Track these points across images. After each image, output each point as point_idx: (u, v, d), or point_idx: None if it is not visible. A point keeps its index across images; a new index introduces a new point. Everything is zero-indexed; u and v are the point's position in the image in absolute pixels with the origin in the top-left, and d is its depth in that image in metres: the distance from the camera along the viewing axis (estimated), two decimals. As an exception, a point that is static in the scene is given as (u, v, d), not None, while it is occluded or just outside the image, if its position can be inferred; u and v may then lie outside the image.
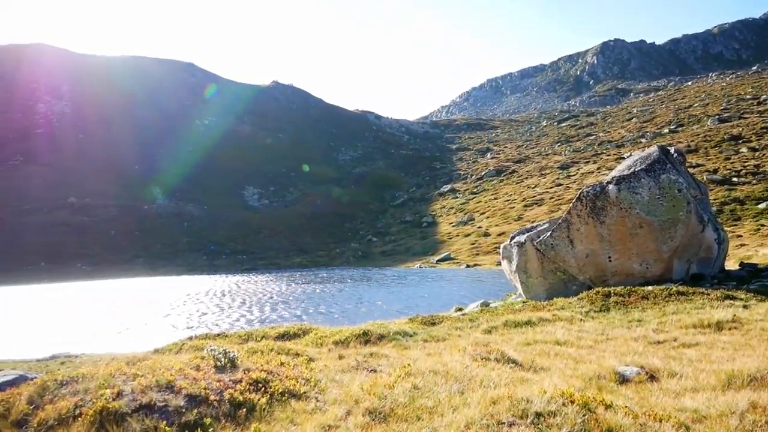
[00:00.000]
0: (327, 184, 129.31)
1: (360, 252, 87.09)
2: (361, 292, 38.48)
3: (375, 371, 7.60)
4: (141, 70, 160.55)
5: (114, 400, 5.10)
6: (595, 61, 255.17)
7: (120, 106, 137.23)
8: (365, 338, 11.80)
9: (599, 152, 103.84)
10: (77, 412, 5.02)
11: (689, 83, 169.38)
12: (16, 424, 5.12)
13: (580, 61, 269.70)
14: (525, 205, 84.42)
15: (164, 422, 4.78)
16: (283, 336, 14.17)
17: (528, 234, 20.35)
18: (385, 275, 55.05)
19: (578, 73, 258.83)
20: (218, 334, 15.71)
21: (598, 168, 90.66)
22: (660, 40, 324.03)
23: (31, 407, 5.31)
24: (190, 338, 15.65)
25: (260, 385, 5.73)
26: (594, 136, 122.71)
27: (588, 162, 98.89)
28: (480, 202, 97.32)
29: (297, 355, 9.37)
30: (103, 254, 78.78)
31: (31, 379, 10.61)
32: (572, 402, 4.70)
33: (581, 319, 12.81)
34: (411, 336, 12.16)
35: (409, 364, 7.16)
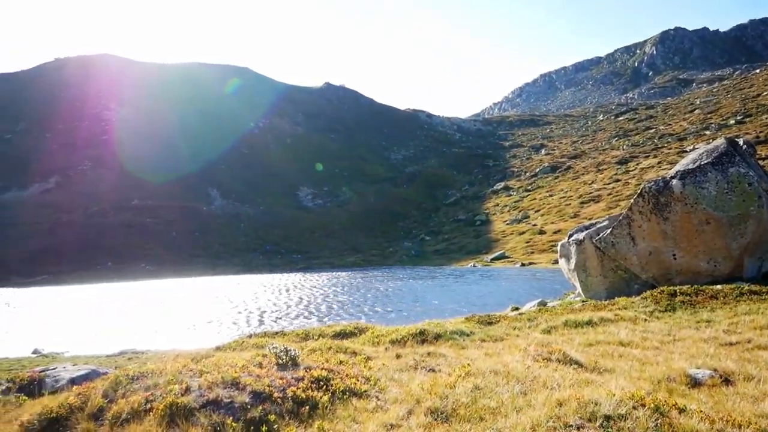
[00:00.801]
0: (379, 183, 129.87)
1: (413, 251, 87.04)
2: (415, 291, 38.45)
3: (433, 371, 7.56)
4: (198, 75, 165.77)
5: (182, 395, 5.27)
6: (654, 52, 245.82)
7: (179, 111, 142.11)
8: (422, 337, 11.75)
9: (660, 146, 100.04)
10: (148, 406, 5.21)
11: (757, 71, 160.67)
12: (93, 417, 5.37)
13: (638, 51, 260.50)
14: (581, 202, 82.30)
15: (230, 418, 4.90)
16: (340, 334, 14.29)
17: (587, 231, 19.81)
18: (438, 274, 54.82)
19: (636, 64, 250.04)
20: (277, 332, 15.99)
21: (659, 162, 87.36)
22: (724, 27, 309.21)
23: (106, 401, 5.55)
24: (250, 336, 16.00)
25: (322, 383, 5.80)
26: (654, 130, 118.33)
27: (648, 156, 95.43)
28: (534, 199, 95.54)
29: (354, 353, 9.44)
30: (165, 254, 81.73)
31: (103, 374, 11.11)
32: (643, 405, 4.53)
33: (645, 319, 12.36)
34: (468, 335, 12.04)
35: (468, 364, 7.09)
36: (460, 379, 6.17)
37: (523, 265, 61.02)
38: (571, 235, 20.86)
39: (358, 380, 6.10)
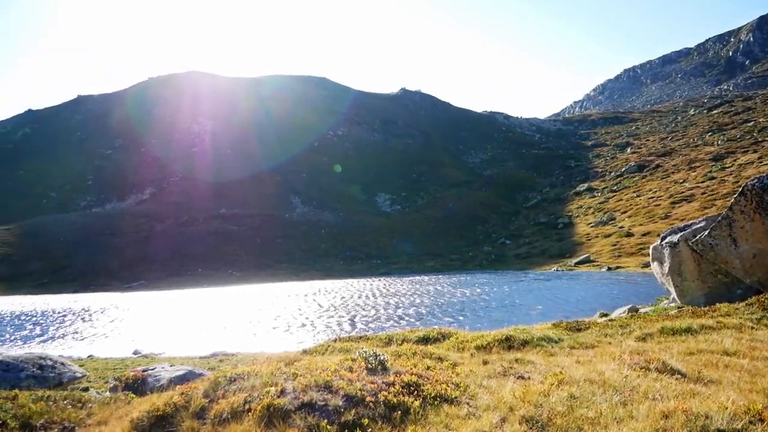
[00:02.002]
0: (457, 187, 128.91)
1: (493, 255, 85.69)
2: (497, 296, 37.80)
3: (523, 378, 7.38)
4: (279, 87, 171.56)
5: (278, 397, 5.43)
6: (751, 39, 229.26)
7: (262, 122, 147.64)
8: (508, 343, 11.51)
9: (760, 140, 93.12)
10: (247, 407, 5.42)
11: None
12: (196, 416, 5.65)
13: (732, 40, 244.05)
14: (672, 202, 77.98)
15: (325, 421, 4.99)
16: (423, 340, 14.24)
17: (682, 233, 18.72)
18: (521, 279, 53.64)
19: (730, 53, 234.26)
20: (360, 336, 16.18)
21: (760, 158, 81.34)
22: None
23: (207, 400, 5.82)
24: (335, 340, 16.26)
25: (412, 388, 5.80)
26: (753, 123, 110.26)
27: (747, 151, 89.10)
28: (621, 200, 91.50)
29: (440, 359, 9.38)
30: (251, 260, 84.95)
31: (199, 375, 11.67)
32: (761, 420, 4.20)
33: (752, 327, 11.51)
34: (556, 342, 11.68)
35: (560, 372, 6.87)
36: (553, 387, 5.99)
37: (609, 269, 58.58)
38: (664, 237, 19.79)
39: (448, 386, 6.05)
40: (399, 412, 5.26)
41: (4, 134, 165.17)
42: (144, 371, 12.22)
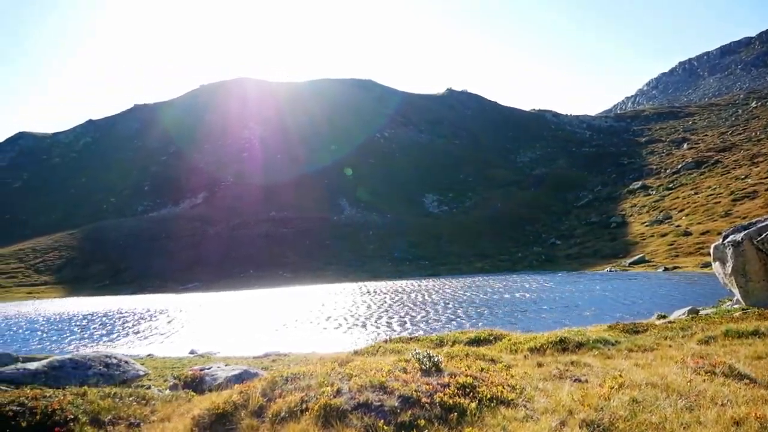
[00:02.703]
0: (506, 187, 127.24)
1: (543, 256, 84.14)
2: (547, 297, 37.11)
3: (580, 381, 7.23)
4: (326, 90, 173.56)
5: (334, 397, 5.50)
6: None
7: (309, 126, 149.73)
8: (562, 346, 11.29)
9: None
10: (304, 406, 5.51)
11: None
12: (255, 414, 5.78)
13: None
14: (733, 199, 74.72)
15: (381, 421, 5.02)
16: (475, 341, 14.12)
17: (745, 232, 17.90)
18: (572, 280, 52.49)
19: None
20: (411, 338, 16.19)
21: (830, 152, 77.05)
22: None
23: (265, 399, 5.95)
24: (386, 341, 16.31)
25: (467, 389, 5.76)
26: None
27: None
28: (677, 198, 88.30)
29: (493, 361, 9.28)
30: (301, 262, 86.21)
31: (254, 374, 11.92)
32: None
33: (825, 330, 10.91)
34: (613, 345, 11.38)
35: (620, 375, 6.69)
36: (613, 390, 5.84)
37: (666, 269, 56.62)
38: (726, 236, 18.99)
39: (503, 388, 5.98)
40: (455, 413, 5.24)
41: (68, 144, 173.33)
42: (201, 370, 12.57)
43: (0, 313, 51.01)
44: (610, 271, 62.11)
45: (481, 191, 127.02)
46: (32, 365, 9.54)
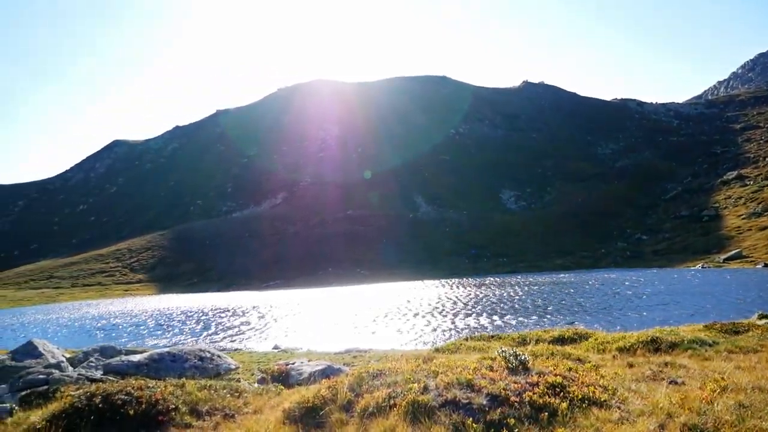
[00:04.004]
0: (586, 180, 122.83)
1: (628, 252, 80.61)
2: (634, 295, 35.52)
3: (677, 383, 6.89)
4: (400, 88, 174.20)
5: (422, 394, 5.54)
6: None
7: (384, 124, 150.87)
8: (654, 346, 10.79)
9: None
10: (391, 402, 5.58)
11: None
12: (343, 408, 5.92)
13: None
14: None
15: (470, 419, 5.00)
16: (559, 340, 13.77)
17: None
18: (661, 277, 49.96)
19: None
20: (492, 335, 15.97)
21: None
22: None
23: (353, 395, 6.08)
24: (466, 339, 16.20)
25: (557, 389, 5.63)
26: None
27: None
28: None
29: (579, 360, 9.02)
30: (377, 260, 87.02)
31: (337, 370, 12.18)
32: None
33: None
34: (710, 345, 10.76)
35: (721, 378, 6.32)
36: (715, 394, 5.52)
37: (765, 265, 52.77)
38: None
39: (595, 389, 5.80)
40: (545, 413, 5.13)
41: (157, 150, 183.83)
42: (286, 365, 13.00)
43: (104, 309, 54.89)
44: (703, 267, 58.68)
45: (561, 186, 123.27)
46: (135, 357, 10.22)
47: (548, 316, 27.96)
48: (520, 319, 27.84)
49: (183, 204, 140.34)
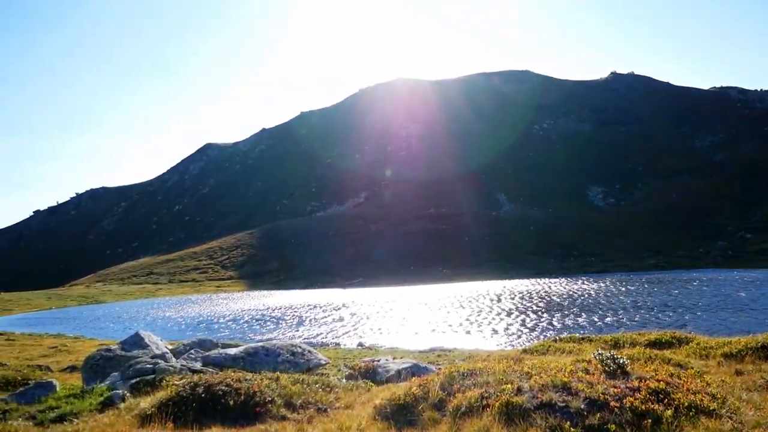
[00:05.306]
0: (681, 175, 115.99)
1: (730, 251, 75.34)
2: (737, 298, 33.15)
3: (795, 393, 6.37)
4: (481, 85, 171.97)
5: (516, 395, 5.44)
6: None
7: (465, 122, 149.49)
8: (765, 353, 10.04)
9: None
10: (484, 402, 5.52)
11: None
12: (435, 407, 5.93)
13: None
14: None
15: (568, 422, 4.86)
16: (655, 343, 13.12)
17: None
18: (765, 278, 46.34)
19: None
20: (583, 337, 15.45)
21: None
22: None
23: (444, 393, 6.08)
24: (555, 340, 15.75)
25: (660, 395, 5.35)
26: None
27: None
28: None
29: (680, 366, 8.53)
30: (459, 258, 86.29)
31: (423, 368, 12.20)
32: None
33: None
34: (833, 354, 9.87)
35: None
36: (844, 406, 5.05)
37: None
38: None
39: (702, 396, 5.47)
40: (649, 420, 4.90)
41: (245, 152, 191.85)
42: (373, 362, 13.16)
43: (198, 304, 57.99)
44: (818, 268, 53.88)
45: (652, 181, 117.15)
46: (231, 351, 10.72)
47: (640, 318, 26.65)
48: (610, 320, 26.73)
49: (270, 203, 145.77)
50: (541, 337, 22.53)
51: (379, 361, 13.44)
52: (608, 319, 27.32)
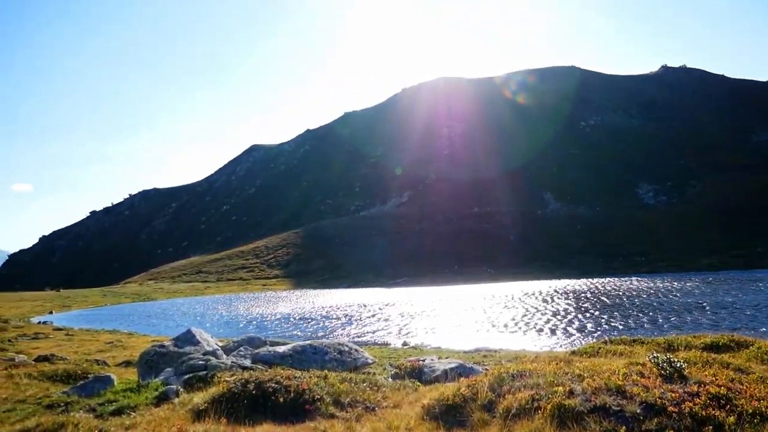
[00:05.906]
0: (737, 171, 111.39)
1: (790, 251, 71.97)
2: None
3: None
4: (525, 82, 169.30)
5: (568, 398, 5.32)
6: None
7: (509, 120, 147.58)
8: (833, 358, 9.55)
9: None
10: (535, 404, 5.43)
11: None
12: (484, 408, 5.87)
13: None
14: None
15: (623, 427, 4.73)
16: (712, 347, 12.64)
17: None
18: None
19: None
20: (634, 339, 15.01)
21: None
22: None
23: (493, 395, 6.01)
24: (605, 342, 15.37)
25: (722, 401, 5.15)
26: None
27: None
28: None
29: (741, 371, 8.20)
30: (504, 258, 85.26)
31: (469, 368, 12.10)
32: None
33: None
34: None
35: None
36: None
37: None
38: None
39: None
40: (710, 426, 4.72)
41: (290, 152, 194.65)
42: (418, 361, 13.13)
43: (246, 302, 59.15)
44: None
45: (706, 178, 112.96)
46: (280, 349, 10.89)
47: (693, 320, 25.73)
48: (661, 321, 25.91)
49: (314, 203, 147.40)
50: (590, 338, 22.05)
51: (424, 360, 13.41)
52: (659, 320, 26.50)
